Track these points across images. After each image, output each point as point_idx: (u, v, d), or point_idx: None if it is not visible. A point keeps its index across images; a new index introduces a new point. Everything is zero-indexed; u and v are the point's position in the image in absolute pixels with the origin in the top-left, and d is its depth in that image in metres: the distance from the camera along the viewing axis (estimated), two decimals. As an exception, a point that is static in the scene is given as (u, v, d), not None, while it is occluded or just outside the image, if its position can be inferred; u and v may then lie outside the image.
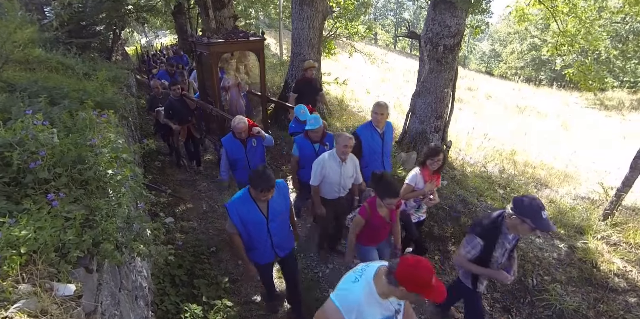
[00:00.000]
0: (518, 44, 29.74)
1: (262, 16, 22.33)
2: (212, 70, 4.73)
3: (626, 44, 18.54)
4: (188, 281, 3.24)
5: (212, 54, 4.62)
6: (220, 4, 12.05)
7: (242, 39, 4.75)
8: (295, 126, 4.28)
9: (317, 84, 5.58)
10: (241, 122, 3.50)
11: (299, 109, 4.17)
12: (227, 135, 3.73)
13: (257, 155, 3.79)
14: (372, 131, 3.62)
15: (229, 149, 3.65)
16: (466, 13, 4.85)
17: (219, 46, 4.63)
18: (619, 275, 3.15)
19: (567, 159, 7.62)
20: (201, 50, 5.00)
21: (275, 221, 2.63)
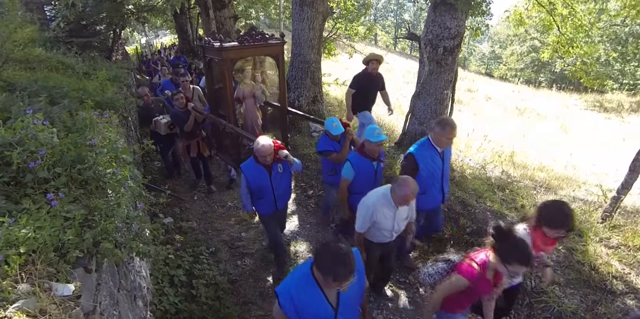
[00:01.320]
0: (518, 46, 29.81)
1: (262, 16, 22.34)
2: (224, 79, 4.02)
3: (625, 46, 18.59)
4: (187, 282, 3.24)
5: (224, 61, 3.92)
6: (220, 4, 12.08)
7: (260, 42, 4.06)
8: (325, 143, 3.70)
9: (381, 80, 4.99)
10: (266, 145, 2.96)
11: (330, 122, 3.57)
12: (247, 160, 3.20)
13: (283, 182, 3.29)
14: (432, 152, 3.02)
15: (251, 177, 3.12)
16: (466, 15, 4.86)
17: (232, 51, 3.93)
18: (617, 277, 3.16)
19: (566, 161, 7.63)
20: (211, 56, 4.23)
21: (345, 314, 1.90)
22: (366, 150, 3.17)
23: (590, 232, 3.65)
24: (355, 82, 4.90)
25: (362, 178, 3.21)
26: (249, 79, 4.90)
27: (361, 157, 3.19)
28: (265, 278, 3.60)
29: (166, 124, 5.03)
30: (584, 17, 6.60)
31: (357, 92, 4.91)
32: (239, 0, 16.28)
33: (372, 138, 3.08)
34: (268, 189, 3.19)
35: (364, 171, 3.20)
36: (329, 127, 3.55)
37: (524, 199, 4.56)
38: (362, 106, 5.05)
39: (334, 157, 3.64)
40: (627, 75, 20.23)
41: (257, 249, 4.01)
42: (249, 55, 4.46)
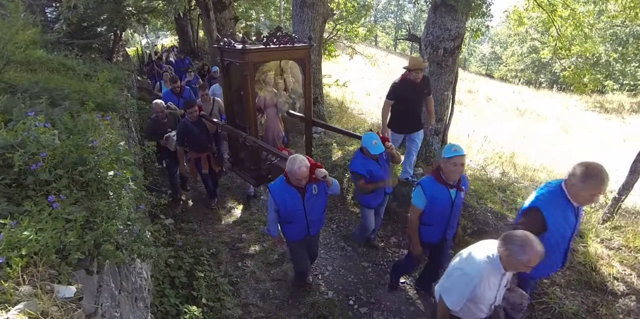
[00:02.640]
0: (518, 47, 29.82)
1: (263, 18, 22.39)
2: (246, 85, 3.59)
3: (626, 47, 18.59)
4: (188, 283, 3.24)
5: (247, 65, 3.49)
6: (221, 6, 12.11)
7: (286, 45, 3.64)
8: (360, 162, 3.24)
9: (426, 87, 4.18)
10: (302, 166, 2.57)
11: (369, 139, 3.09)
12: (277, 181, 2.80)
13: (317, 206, 2.89)
14: (565, 206, 2.19)
15: (280, 200, 2.74)
16: (466, 16, 4.87)
17: (256, 54, 3.52)
18: (618, 279, 3.15)
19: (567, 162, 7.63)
20: (231, 60, 3.80)
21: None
22: (443, 173, 2.56)
23: (592, 233, 3.65)
24: (394, 92, 4.10)
25: (435, 209, 2.64)
26: (271, 86, 4.37)
27: (436, 183, 2.60)
28: (266, 280, 3.60)
29: None
30: (583, 18, 6.61)
31: (397, 103, 4.10)
32: (239, 2, 16.31)
33: (448, 153, 2.47)
34: (300, 213, 2.82)
35: (439, 201, 2.62)
36: (368, 145, 3.07)
37: (524, 199, 4.55)
38: (403, 121, 4.23)
39: (360, 184, 3.24)
40: (627, 76, 20.22)
41: (258, 251, 4.01)
42: (274, 59, 3.98)
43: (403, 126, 4.31)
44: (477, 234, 3.76)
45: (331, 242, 4.21)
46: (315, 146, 5.97)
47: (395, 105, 4.15)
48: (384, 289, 3.49)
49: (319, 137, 6.31)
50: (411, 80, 3.99)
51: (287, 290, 3.45)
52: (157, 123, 4.77)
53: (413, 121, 4.24)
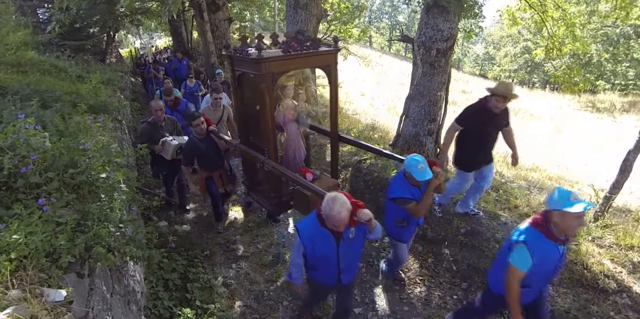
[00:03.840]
0: (511, 47, 30.06)
1: (257, 19, 22.38)
2: (263, 101, 3.05)
3: (617, 47, 18.82)
4: (181, 285, 3.23)
5: (264, 76, 2.93)
6: (215, 7, 12.12)
7: (310, 50, 3.09)
8: (402, 187, 2.82)
9: (506, 116, 3.51)
10: (343, 210, 2.09)
11: (415, 163, 2.66)
12: (307, 221, 2.36)
13: (353, 251, 2.42)
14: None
15: (310, 244, 2.30)
16: (459, 17, 4.91)
17: (275, 63, 2.95)
18: (609, 276, 3.19)
19: (559, 161, 7.70)
20: (244, 70, 3.22)
21: None
22: (555, 227, 2.08)
23: (583, 231, 3.69)
24: (466, 117, 3.46)
25: (540, 268, 2.15)
26: (291, 99, 3.72)
27: (545, 239, 2.10)
28: (260, 281, 3.59)
29: (175, 148, 4.14)
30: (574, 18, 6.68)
31: (469, 134, 3.47)
32: (233, 3, 16.30)
33: (568, 204, 1.96)
34: (331, 260, 2.36)
35: (547, 259, 2.14)
36: (413, 169, 2.66)
37: (518, 199, 4.60)
38: (474, 157, 3.59)
39: (412, 208, 2.80)
40: (618, 76, 20.47)
41: (252, 253, 4.01)
42: (295, 68, 3.37)
43: (474, 162, 3.62)
44: (470, 234, 3.79)
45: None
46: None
47: (465, 136, 3.47)
48: (378, 289, 3.50)
49: (312, 137, 6.32)
50: (489, 107, 3.30)
51: (281, 291, 3.45)
52: (154, 127, 4.25)
53: (485, 155, 3.61)
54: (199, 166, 4.13)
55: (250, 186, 4.02)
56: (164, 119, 4.35)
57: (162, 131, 4.28)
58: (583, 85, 6.97)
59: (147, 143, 4.02)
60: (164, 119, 4.33)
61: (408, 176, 2.76)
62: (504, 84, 3.43)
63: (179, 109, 5.26)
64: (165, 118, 4.37)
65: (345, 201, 2.13)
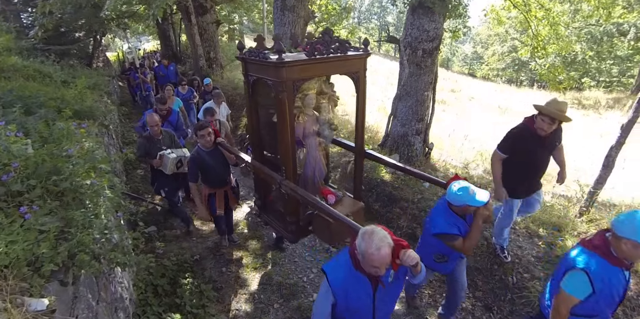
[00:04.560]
0: (499, 46, 30.44)
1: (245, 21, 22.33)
2: (282, 112, 2.64)
3: (601, 45, 19.18)
4: (171, 291, 3.20)
5: (284, 84, 2.55)
6: (202, 10, 12.06)
7: (338, 54, 2.71)
8: (447, 219, 2.41)
9: (558, 135, 3.02)
10: (384, 247, 1.68)
11: (465, 190, 2.27)
12: (337, 262, 1.91)
13: (390, 298, 1.99)
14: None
15: (342, 292, 1.84)
16: (444, 18, 4.96)
17: (298, 68, 2.57)
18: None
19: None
20: (260, 76, 2.81)
21: None
22: (619, 253, 1.86)
23: (569, 227, 3.75)
24: (509, 144, 3.01)
25: (605, 296, 1.92)
26: (312, 109, 3.24)
27: (608, 265, 1.88)
28: (251, 284, 3.59)
29: (174, 161, 3.89)
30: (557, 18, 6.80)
31: (514, 159, 3.00)
32: (221, 6, 16.24)
33: None
34: (366, 311, 1.90)
35: (611, 286, 1.90)
36: (465, 197, 2.25)
37: (505, 196, 4.65)
38: (521, 184, 3.12)
39: (459, 245, 2.37)
40: (603, 73, 20.86)
41: (243, 256, 3.99)
42: (319, 75, 2.97)
43: (525, 190, 3.18)
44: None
45: (316, 244, 4.21)
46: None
47: (511, 164, 3.02)
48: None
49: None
50: (534, 129, 2.86)
51: (272, 294, 3.44)
52: (151, 141, 4.03)
53: (535, 181, 3.18)
54: (202, 182, 3.72)
55: (262, 206, 3.55)
56: (161, 132, 4.11)
57: (160, 144, 4.04)
58: (567, 83, 7.10)
59: (146, 157, 4.02)
60: (160, 133, 4.09)
61: (454, 207, 2.36)
62: (555, 102, 2.79)
63: (170, 120, 4.91)
64: (162, 131, 4.13)
65: (386, 236, 1.73)
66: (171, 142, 4.19)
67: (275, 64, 2.47)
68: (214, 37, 12.15)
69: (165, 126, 4.65)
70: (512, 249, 3.54)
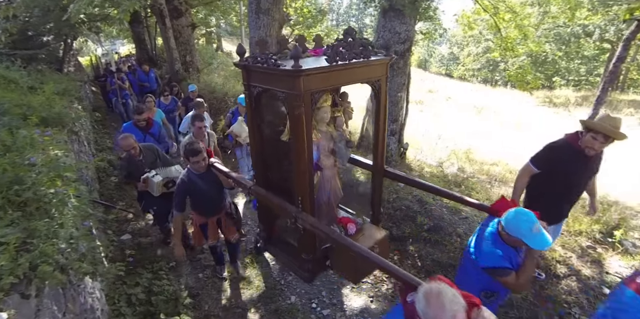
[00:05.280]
0: (474, 47, 31.26)
1: (223, 24, 22.16)
2: (298, 130, 2.22)
3: (569, 46, 19.99)
4: (146, 299, 3.14)
5: (303, 97, 2.12)
6: (177, 13, 11.89)
7: (360, 59, 2.31)
8: (499, 254, 2.01)
9: (599, 161, 2.76)
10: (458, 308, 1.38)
11: (527, 224, 1.88)
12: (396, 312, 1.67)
13: None
14: None
15: None
16: (415, 20, 5.08)
17: (318, 77, 2.17)
18: (561, 261, 3.39)
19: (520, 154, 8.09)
20: (267, 86, 2.38)
21: None
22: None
23: (537, 221, 3.89)
24: (545, 157, 2.71)
25: None
26: (326, 124, 2.82)
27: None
28: (228, 289, 3.56)
29: (160, 184, 3.47)
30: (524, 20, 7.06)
31: (546, 175, 2.69)
32: (197, 8, 16.06)
33: None
34: None
35: None
36: (524, 233, 1.86)
37: (479, 193, 4.80)
38: (552, 207, 2.76)
39: (512, 282, 2.01)
40: (572, 72, 21.74)
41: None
42: (341, 84, 2.56)
43: (553, 213, 2.80)
44: (434, 230, 3.91)
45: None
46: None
47: (544, 181, 2.68)
48: (346, 290, 3.55)
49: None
50: (580, 147, 2.55)
51: (249, 298, 3.43)
52: (131, 163, 3.62)
53: (569, 207, 2.90)
54: (193, 209, 3.28)
55: (268, 239, 3.05)
56: (140, 152, 3.67)
57: (142, 165, 3.60)
58: (534, 83, 7.38)
59: (129, 180, 3.67)
60: (140, 153, 3.66)
61: (506, 235, 1.97)
62: (609, 118, 2.48)
63: (151, 132, 4.47)
64: (141, 150, 3.66)
65: (455, 294, 1.40)
66: (155, 158, 3.70)
67: (290, 73, 2.04)
68: (189, 40, 12.00)
69: (147, 139, 4.31)
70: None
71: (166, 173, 3.54)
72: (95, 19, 11.75)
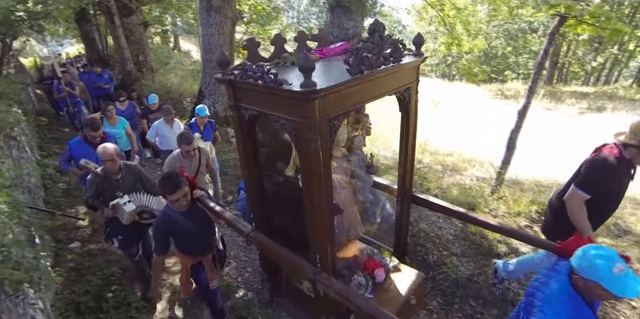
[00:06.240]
0: (431, 43, 32.34)
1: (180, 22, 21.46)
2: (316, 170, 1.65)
3: (517, 41, 21.19)
4: (96, 307, 3.04)
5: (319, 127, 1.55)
6: (127, 11, 11.40)
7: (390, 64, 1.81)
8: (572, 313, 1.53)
9: None
10: None
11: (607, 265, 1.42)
12: None
13: None
14: None
15: None
16: (362, 16, 5.21)
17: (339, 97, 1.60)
18: (501, 241, 3.64)
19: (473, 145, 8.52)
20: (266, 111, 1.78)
21: None
22: None
23: (481, 205, 4.15)
24: (602, 180, 2.36)
25: None
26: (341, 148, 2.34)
27: None
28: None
29: (133, 213, 2.86)
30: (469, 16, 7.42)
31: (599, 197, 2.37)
32: (151, 6, 15.44)
33: None
34: None
35: None
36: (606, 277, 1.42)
37: (430, 182, 5.02)
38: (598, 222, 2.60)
39: None
40: (521, 66, 23.06)
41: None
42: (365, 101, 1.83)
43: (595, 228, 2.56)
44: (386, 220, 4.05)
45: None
46: (232, 150, 5.92)
47: (595, 201, 2.38)
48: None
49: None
50: (629, 160, 2.33)
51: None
52: (106, 181, 2.94)
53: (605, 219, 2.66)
54: (179, 251, 2.70)
55: (276, 289, 2.53)
56: (120, 170, 2.97)
57: (117, 187, 2.94)
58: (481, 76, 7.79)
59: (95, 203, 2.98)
60: (119, 171, 2.97)
61: (581, 283, 1.50)
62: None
63: None
64: (122, 168, 2.99)
65: None
66: (135, 182, 3.04)
67: (300, 95, 1.43)
68: (142, 39, 11.55)
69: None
70: (433, 230, 3.84)
71: (142, 202, 2.89)
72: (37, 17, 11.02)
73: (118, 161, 2.96)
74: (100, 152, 2.88)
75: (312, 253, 1.87)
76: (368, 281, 2.16)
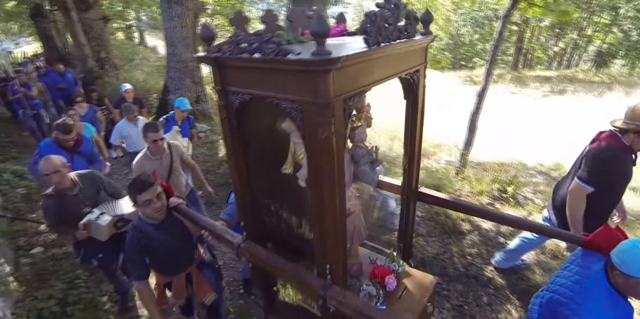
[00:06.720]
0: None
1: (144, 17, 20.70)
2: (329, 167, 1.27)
3: (483, 28, 21.66)
4: (60, 311, 2.96)
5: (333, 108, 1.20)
6: (84, 5, 10.87)
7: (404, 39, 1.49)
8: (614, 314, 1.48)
9: None
10: None
11: None
12: None
13: None
14: None
15: None
16: (323, 5, 5.19)
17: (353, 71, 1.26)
18: (465, 220, 3.78)
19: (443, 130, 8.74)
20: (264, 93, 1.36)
21: None
22: None
23: (447, 186, 4.27)
24: (605, 171, 2.32)
25: None
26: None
27: None
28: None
29: (110, 226, 2.49)
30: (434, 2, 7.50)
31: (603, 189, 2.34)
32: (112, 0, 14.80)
33: None
34: None
35: None
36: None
37: (399, 168, 5.12)
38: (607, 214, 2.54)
39: None
40: (488, 53, 23.63)
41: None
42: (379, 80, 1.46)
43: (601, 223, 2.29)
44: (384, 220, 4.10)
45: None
46: (201, 145, 5.83)
47: (600, 193, 2.33)
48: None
49: (204, 135, 6.17)
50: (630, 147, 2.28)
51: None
52: (62, 202, 2.51)
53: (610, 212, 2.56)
54: (153, 269, 2.32)
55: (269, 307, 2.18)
56: (74, 184, 2.58)
57: (78, 204, 2.56)
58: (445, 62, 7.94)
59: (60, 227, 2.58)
60: (73, 186, 2.57)
61: (622, 280, 1.44)
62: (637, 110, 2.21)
63: (81, 151, 3.55)
64: (74, 180, 2.59)
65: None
66: (97, 190, 2.67)
67: (312, 64, 1.12)
68: (102, 35, 11.06)
69: (75, 160, 3.30)
70: (401, 213, 3.93)
71: (116, 210, 2.54)
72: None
73: (67, 173, 2.52)
74: (41, 166, 2.43)
75: (320, 263, 1.57)
76: (379, 291, 1.92)
